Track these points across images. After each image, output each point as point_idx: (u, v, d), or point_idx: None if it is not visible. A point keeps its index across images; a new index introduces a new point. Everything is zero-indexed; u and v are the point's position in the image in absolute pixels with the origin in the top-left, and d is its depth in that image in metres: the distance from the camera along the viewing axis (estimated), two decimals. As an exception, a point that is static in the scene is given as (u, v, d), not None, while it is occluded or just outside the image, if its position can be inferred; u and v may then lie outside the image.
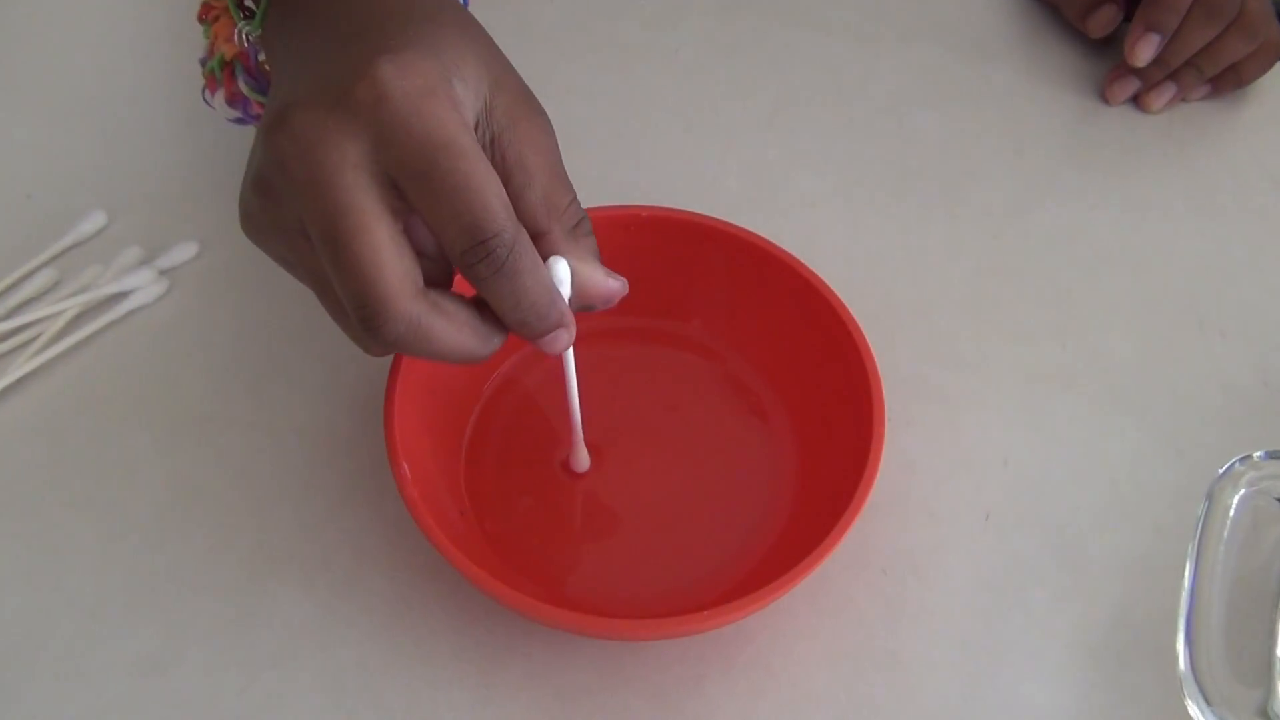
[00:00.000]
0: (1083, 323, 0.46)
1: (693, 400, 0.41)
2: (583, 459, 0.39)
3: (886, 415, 0.37)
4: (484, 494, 0.39)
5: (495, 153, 0.31)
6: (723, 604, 0.32)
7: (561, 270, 0.32)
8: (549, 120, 0.33)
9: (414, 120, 0.28)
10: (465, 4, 0.38)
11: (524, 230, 0.30)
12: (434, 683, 0.36)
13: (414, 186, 0.29)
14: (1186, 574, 0.32)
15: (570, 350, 0.34)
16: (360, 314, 0.29)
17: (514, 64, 0.34)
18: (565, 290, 0.32)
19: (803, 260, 0.40)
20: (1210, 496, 0.33)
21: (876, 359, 0.38)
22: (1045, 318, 0.46)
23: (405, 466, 0.34)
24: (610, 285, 0.33)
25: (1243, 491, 0.33)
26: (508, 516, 0.39)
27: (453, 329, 0.30)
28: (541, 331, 0.31)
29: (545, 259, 0.32)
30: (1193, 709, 0.31)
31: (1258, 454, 0.33)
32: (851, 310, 0.39)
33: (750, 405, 0.41)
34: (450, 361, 0.31)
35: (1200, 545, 0.32)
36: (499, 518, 0.39)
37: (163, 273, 0.45)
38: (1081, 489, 0.41)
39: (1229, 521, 0.32)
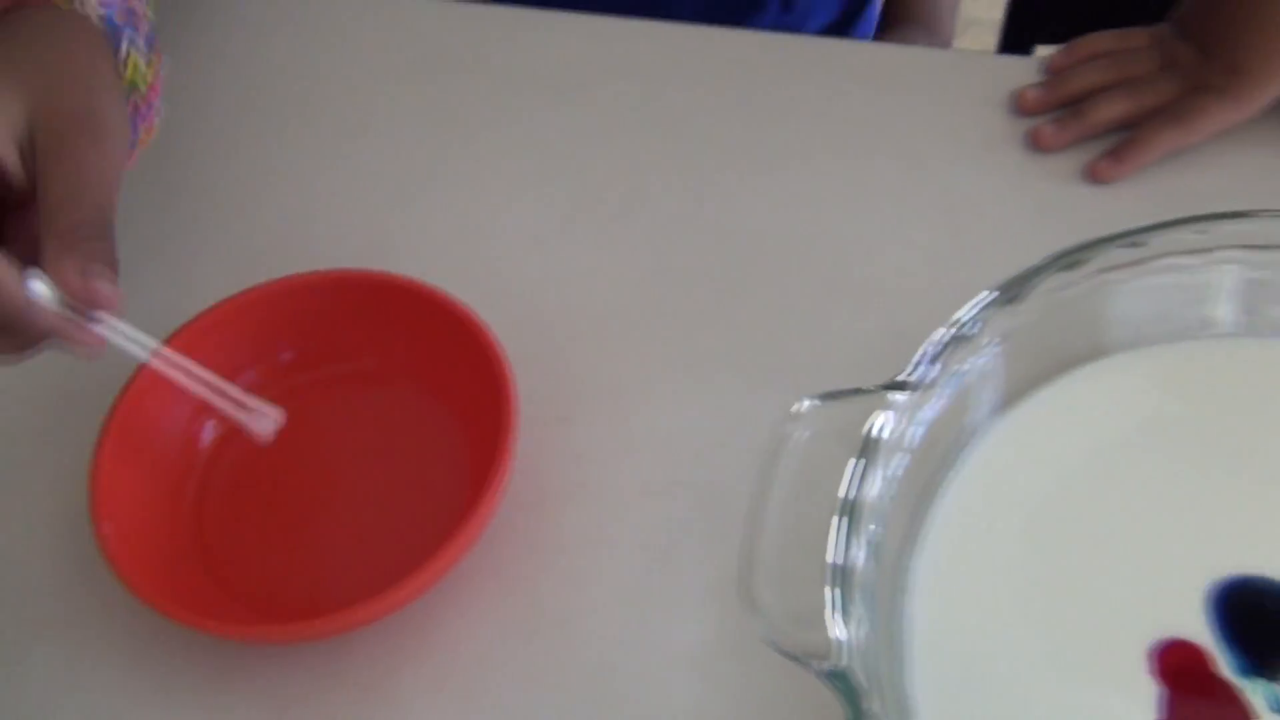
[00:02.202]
0: (737, 308, 0.52)
1: (390, 427, 0.48)
2: (258, 426, 0.43)
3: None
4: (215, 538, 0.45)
5: (36, 163, 0.37)
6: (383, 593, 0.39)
7: (35, 286, 0.37)
8: (110, 146, 0.39)
9: None
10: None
11: None
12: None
13: None
14: (752, 502, 0.38)
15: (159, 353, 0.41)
16: None
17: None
18: (45, 301, 0.37)
19: (460, 293, 0.47)
20: (777, 436, 0.39)
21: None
22: (704, 308, 0.52)
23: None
24: (95, 289, 0.37)
25: (802, 431, 0.40)
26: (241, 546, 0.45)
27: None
28: (27, 341, 0.37)
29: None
30: (756, 624, 0.37)
31: (812, 400, 0.40)
32: (516, 327, 0.46)
33: (433, 424, 0.47)
34: None
35: (762, 476, 0.39)
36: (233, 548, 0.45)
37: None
38: (730, 454, 0.47)
39: (787, 454, 0.39)
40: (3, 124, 0.37)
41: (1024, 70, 0.59)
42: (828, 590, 0.37)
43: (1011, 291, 0.43)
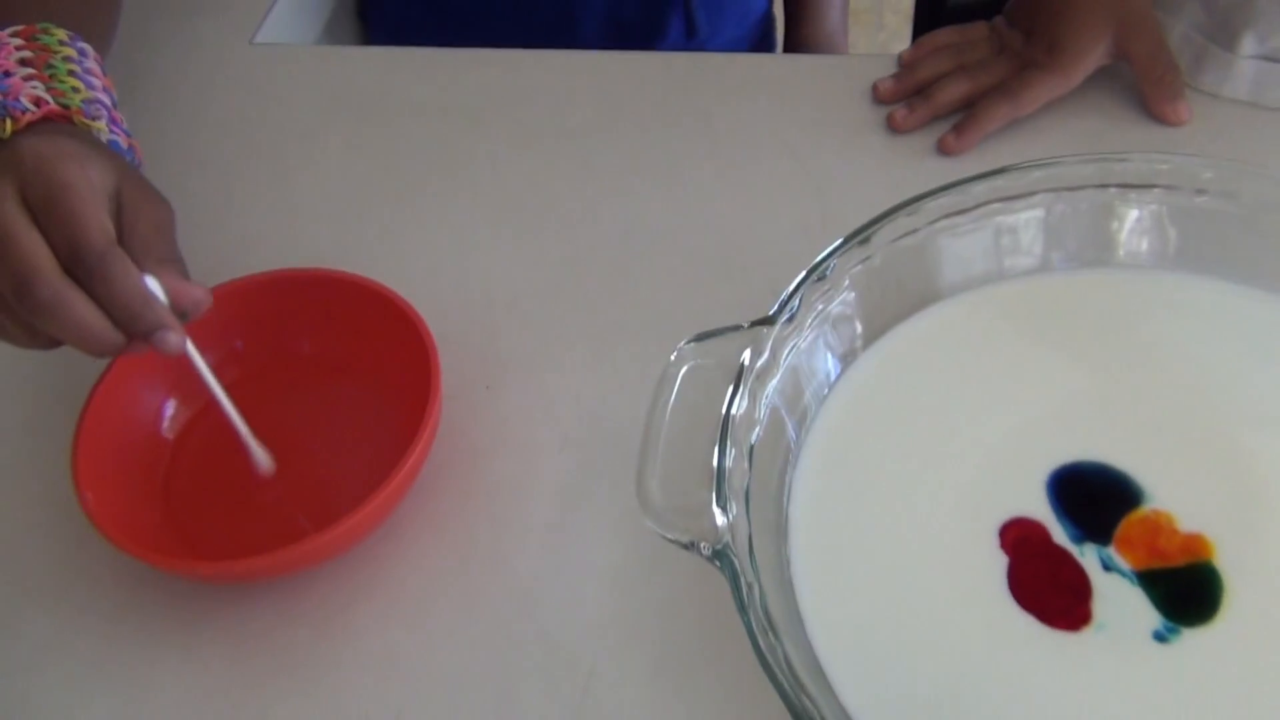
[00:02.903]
0: (636, 287, 0.59)
1: (333, 403, 0.54)
2: (261, 460, 0.50)
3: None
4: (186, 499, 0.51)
5: (122, 218, 0.45)
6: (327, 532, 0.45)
7: (150, 282, 0.44)
8: (170, 210, 0.48)
9: (46, 168, 0.44)
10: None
11: (120, 250, 0.44)
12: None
13: (42, 212, 0.43)
14: (646, 422, 0.45)
15: (199, 361, 0.47)
16: (14, 284, 0.42)
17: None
18: (160, 297, 0.44)
19: (401, 288, 0.53)
20: (664, 370, 0.46)
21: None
22: (608, 289, 0.59)
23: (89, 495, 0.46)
24: (194, 292, 0.45)
25: (687, 365, 0.46)
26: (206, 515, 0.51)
27: (88, 309, 0.43)
28: (143, 328, 0.43)
29: None
30: (648, 522, 0.43)
31: (690, 341, 0.46)
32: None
33: (371, 397, 0.54)
34: (84, 340, 0.43)
35: (653, 401, 0.45)
36: (200, 518, 0.51)
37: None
38: (632, 406, 0.53)
39: (672, 383, 0.45)
40: (102, 187, 0.45)
41: (882, 66, 0.67)
42: (712, 487, 0.43)
43: (858, 237, 0.50)
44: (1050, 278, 0.51)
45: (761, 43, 0.99)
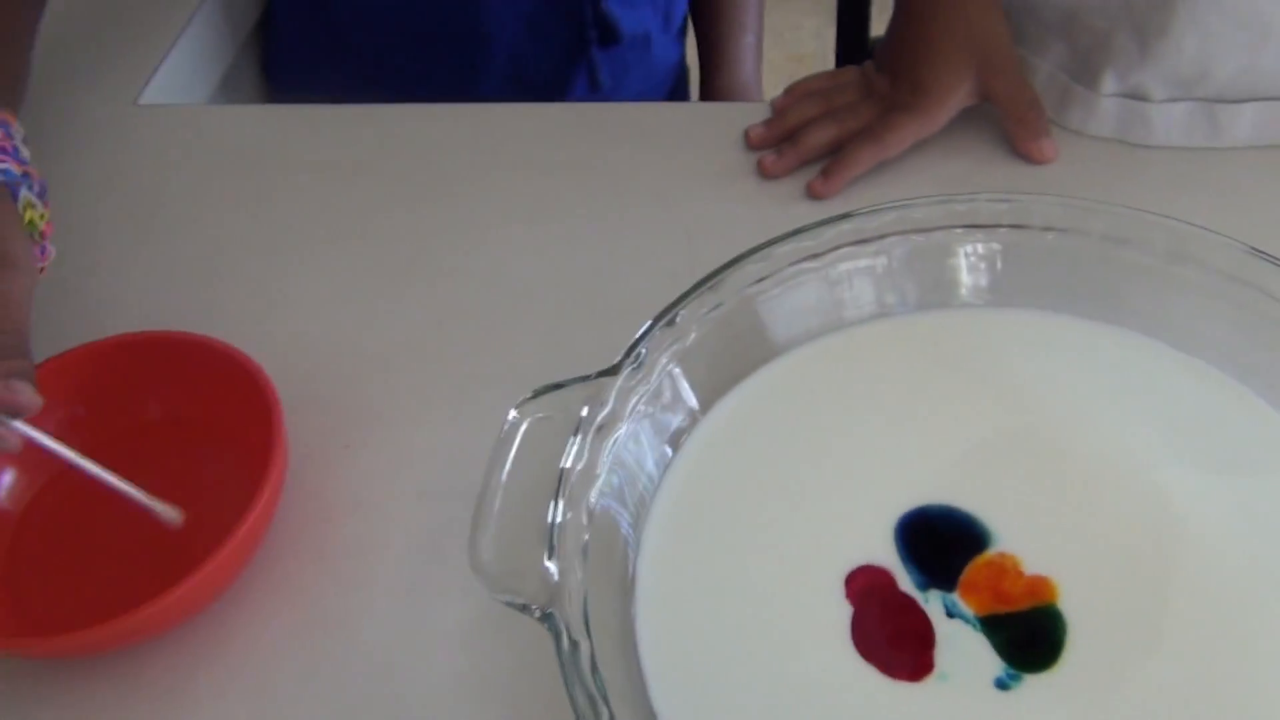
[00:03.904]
0: (504, 337, 0.58)
1: (178, 469, 0.53)
2: (165, 513, 0.49)
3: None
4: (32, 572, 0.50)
5: None
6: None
7: None
8: (21, 277, 0.46)
9: None
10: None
11: None
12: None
13: None
14: (483, 480, 0.44)
15: (46, 442, 0.46)
16: None
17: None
18: None
19: (259, 349, 0.52)
20: (503, 425, 0.45)
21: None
22: (475, 343, 0.58)
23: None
24: (15, 397, 0.44)
25: (530, 419, 0.45)
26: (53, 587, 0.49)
27: None
28: None
29: None
30: (478, 583, 0.42)
31: (530, 395, 0.46)
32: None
33: (216, 460, 0.53)
34: None
35: (491, 458, 0.44)
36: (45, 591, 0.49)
37: None
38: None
39: (512, 439, 0.44)
40: None
41: (757, 113, 0.68)
42: (546, 545, 0.42)
43: (707, 284, 0.50)
44: (896, 321, 0.51)
45: (673, 94, 1.00)
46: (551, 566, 0.42)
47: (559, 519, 0.43)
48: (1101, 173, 0.62)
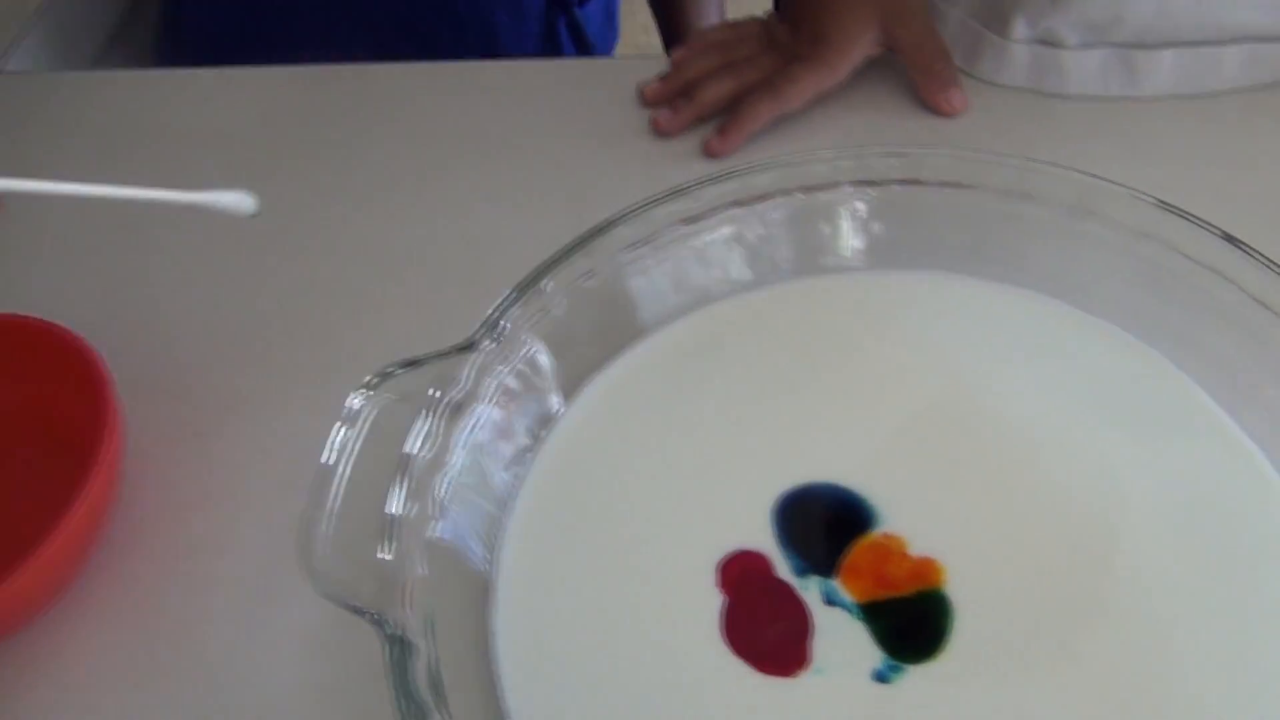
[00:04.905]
0: (378, 311, 0.54)
1: (17, 466, 0.49)
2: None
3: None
4: None
5: None
6: None
7: None
8: None
9: None
10: None
11: None
12: None
13: None
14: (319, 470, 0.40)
15: None
16: None
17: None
18: None
19: (101, 334, 0.47)
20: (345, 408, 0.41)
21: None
22: (347, 315, 0.54)
23: None
24: None
25: (382, 400, 0.41)
26: None
27: None
28: None
29: None
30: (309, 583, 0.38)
31: (376, 375, 0.42)
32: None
33: (48, 454, 0.48)
34: None
35: (327, 446, 0.40)
36: None
37: None
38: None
39: (355, 423, 0.41)
40: None
41: (654, 68, 0.64)
42: (383, 539, 0.39)
43: (580, 249, 0.46)
44: (779, 288, 0.47)
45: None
46: (388, 562, 0.38)
47: (399, 510, 0.39)
48: (1015, 124, 0.59)
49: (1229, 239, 0.43)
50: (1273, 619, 0.39)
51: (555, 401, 0.46)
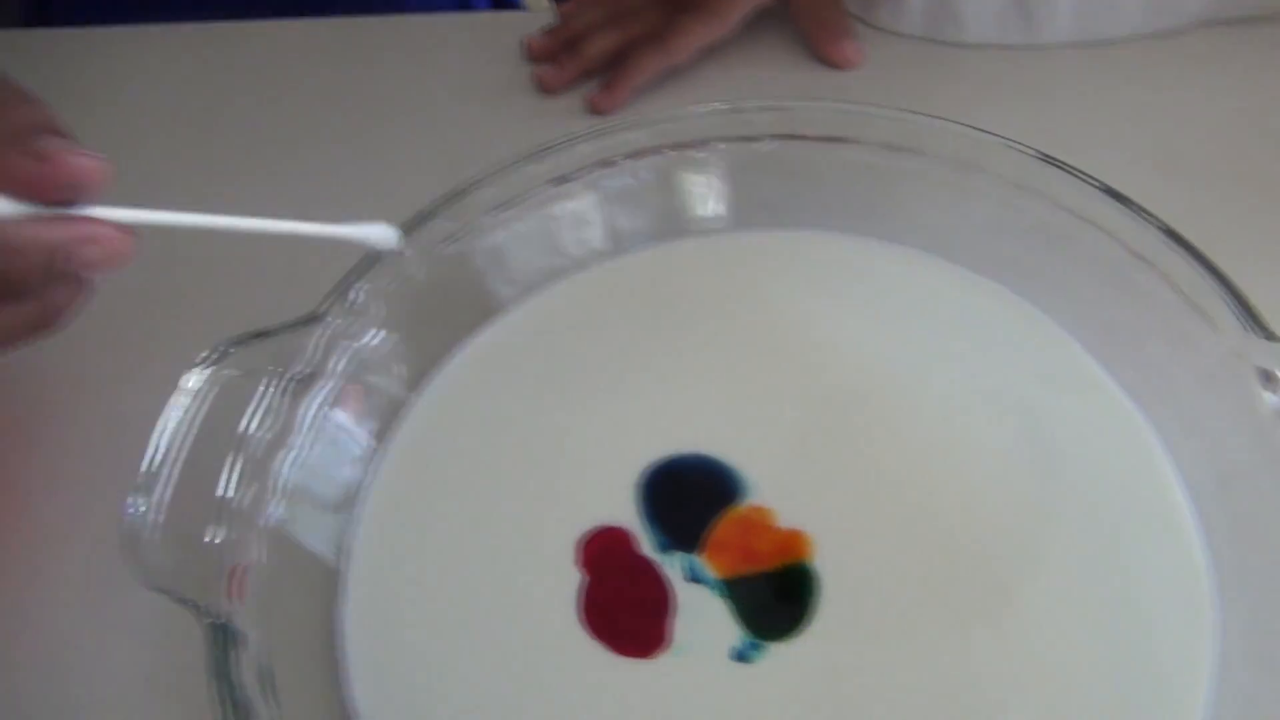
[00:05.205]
0: (241, 280, 0.50)
1: None
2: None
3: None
4: None
5: None
6: None
7: None
8: None
9: None
10: None
11: None
12: None
13: None
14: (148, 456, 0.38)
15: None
16: None
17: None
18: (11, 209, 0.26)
19: None
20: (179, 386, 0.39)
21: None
22: (207, 285, 0.51)
23: None
24: (68, 163, 0.28)
25: (224, 375, 0.39)
26: None
27: None
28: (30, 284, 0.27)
29: None
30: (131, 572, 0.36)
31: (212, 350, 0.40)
32: None
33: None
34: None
35: (158, 426, 0.38)
36: None
37: None
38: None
39: (192, 399, 0.38)
40: None
41: (538, 22, 0.61)
42: (211, 524, 0.37)
43: (441, 212, 0.44)
44: (645, 253, 0.45)
45: None
46: (215, 547, 0.36)
47: (230, 493, 0.37)
48: (912, 77, 0.56)
49: (1109, 192, 0.42)
50: (1142, 579, 0.38)
51: (410, 378, 0.43)
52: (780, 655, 0.37)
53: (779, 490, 0.40)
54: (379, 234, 0.33)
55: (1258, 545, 0.37)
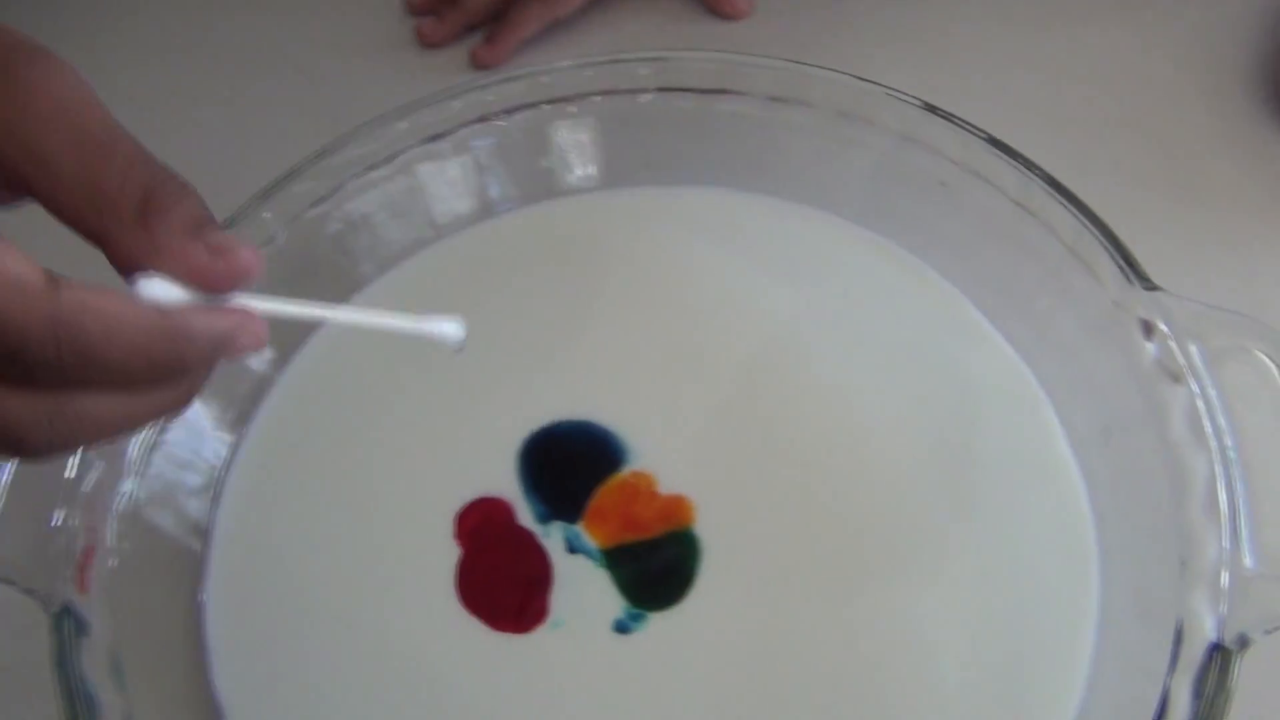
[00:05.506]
0: (66, 254, 0.49)
1: None
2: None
3: None
4: None
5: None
6: None
7: (152, 289, 0.24)
8: (61, 62, 0.27)
9: None
10: None
11: (64, 281, 0.23)
12: None
13: None
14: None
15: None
16: None
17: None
18: (173, 298, 0.24)
19: None
20: None
21: None
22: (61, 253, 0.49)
23: None
24: (237, 258, 0.25)
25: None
26: None
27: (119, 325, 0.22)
28: (191, 371, 0.25)
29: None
30: None
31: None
32: None
33: None
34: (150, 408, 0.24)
35: None
36: None
37: None
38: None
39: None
40: None
41: (424, -28, 0.58)
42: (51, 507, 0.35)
43: (304, 172, 0.41)
44: (517, 215, 0.43)
45: None
46: (58, 530, 0.34)
47: (72, 473, 0.35)
48: (804, 28, 0.55)
49: (993, 142, 0.41)
50: (1027, 534, 0.37)
51: (274, 351, 0.41)
52: (662, 625, 0.36)
53: (662, 455, 0.39)
54: (452, 330, 0.31)
55: (1138, 496, 0.37)
